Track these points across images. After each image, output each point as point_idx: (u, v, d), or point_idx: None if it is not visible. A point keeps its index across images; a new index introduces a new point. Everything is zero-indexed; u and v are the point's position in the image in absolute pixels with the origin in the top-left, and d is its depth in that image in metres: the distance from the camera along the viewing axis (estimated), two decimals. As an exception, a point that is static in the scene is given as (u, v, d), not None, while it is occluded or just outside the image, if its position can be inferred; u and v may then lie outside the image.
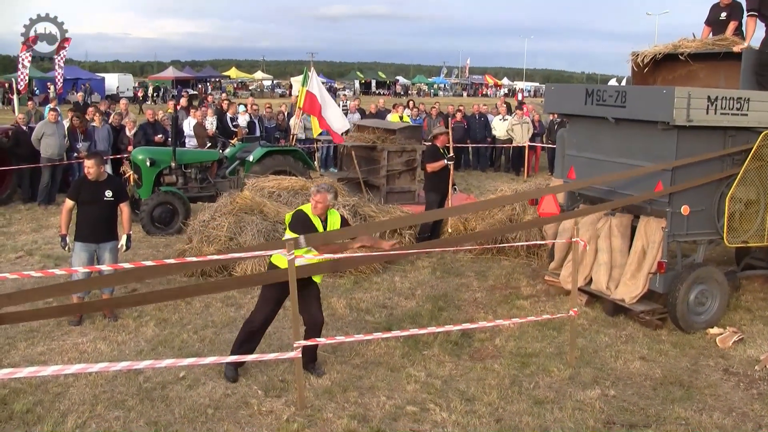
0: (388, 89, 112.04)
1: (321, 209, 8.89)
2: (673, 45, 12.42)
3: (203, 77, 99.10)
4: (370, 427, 7.88)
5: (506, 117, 28.40)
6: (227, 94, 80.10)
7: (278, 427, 7.85)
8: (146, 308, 11.20)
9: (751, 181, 10.76)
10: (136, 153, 17.25)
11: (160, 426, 7.80)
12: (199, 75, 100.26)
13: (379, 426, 7.89)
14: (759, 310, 12.05)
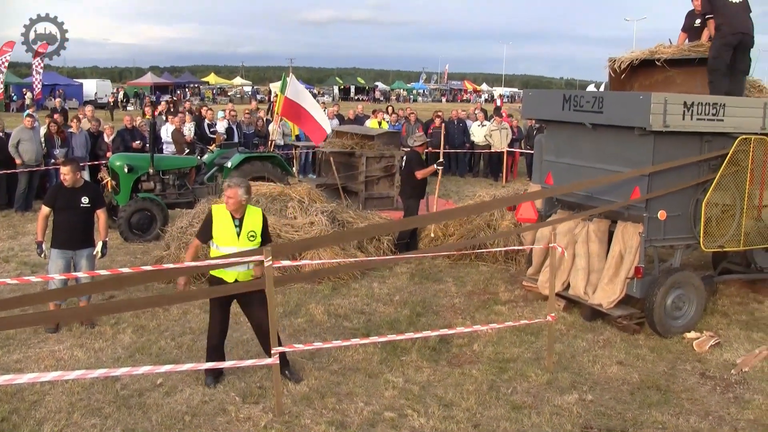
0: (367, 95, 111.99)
1: (232, 205, 8.68)
2: (650, 51, 12.48)
3: (182, 83, 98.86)
4: (347, 433, 7.88)
5: (484, 123, 28.46)
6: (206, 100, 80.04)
7: (256, 433, 7.84)
8: (123, 315, 11.15)
9: (727, 186, 10.80)
10: (114, 159, 17.18)
11: (137, 433, 7.78)
12: (177, 81, 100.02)
13: (357, 432, 7.89)
14: (735, 315, 12.12)
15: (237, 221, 8.71)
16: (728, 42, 11.55)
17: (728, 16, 11.60)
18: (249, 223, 8.75)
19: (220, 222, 8.73)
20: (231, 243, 8.66)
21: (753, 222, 11.13)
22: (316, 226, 13.87)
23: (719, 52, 11.59)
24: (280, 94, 21.34)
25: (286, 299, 12.15)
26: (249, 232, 8.71)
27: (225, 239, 8.69)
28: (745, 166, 10.81)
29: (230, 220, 8.70)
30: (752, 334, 11.24)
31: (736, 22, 11.59)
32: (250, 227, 8.73)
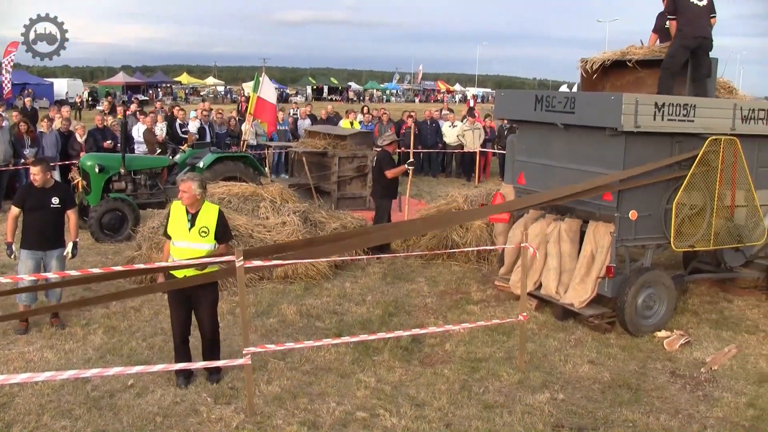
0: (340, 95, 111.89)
1: (187, 200, 8.68)
2: (622, 52, 12.53)
3: (154, 83, 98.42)
4: (319, 433, 7.88)
5: (455, 123, 28.52)
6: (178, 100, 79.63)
7: (228, 434, 7.82)
8: (94, 316, 11.11)
9: (697, 186, 10.87)
10: (85, 159, 17.06)
11: (108, 434, 7.74)
12: (149, 80, 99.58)
13: (329, 432, 7.89)
14: (705, 314, 12.20)
15: (190, 216, 8.73)
16: (687, 44, 11.63)
17: (690, 19, 11.68)
18: (203, 219, 8.74)
19: (175, 216, 8.80)
20: (182, 237, 8.72)
21: (723, 222, 11.21)
22: (288, 226, 13.86)
23: (676, 52, 11.68)
24: (252, 94, 21.30)
25: (258, 299, 12.13)
26: (201, 228, 8.70)
27: (177, 233, 8.76)
28: (715, 166, 10.88)
29: (184, 215, 8.74)
30: (722, 333, 11.32)
31: (697, 25, 11.67)
32: (204, 223, 8.72)
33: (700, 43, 11.66)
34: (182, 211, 8.77)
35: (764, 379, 9.64)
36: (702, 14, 11.72)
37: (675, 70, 11.70)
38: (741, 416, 8.58)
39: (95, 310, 11.32)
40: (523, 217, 12.43)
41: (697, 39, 11.63)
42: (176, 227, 8.77)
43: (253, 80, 22.32)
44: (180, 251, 8.73)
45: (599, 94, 12.43)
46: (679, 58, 11.68)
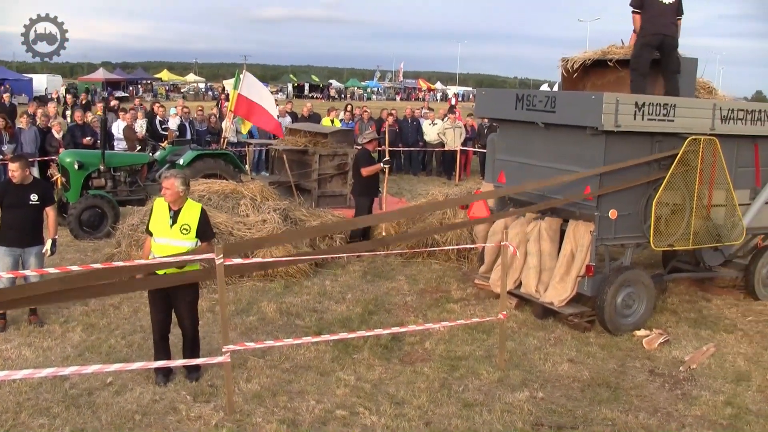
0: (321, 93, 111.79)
1: (170, 196, 8.67)
2: (602, 51, 12.56)
3: (134, 79, 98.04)
4: (299, 431, 7.85)
5: (436, 121, 28.52)
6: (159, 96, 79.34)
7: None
8: (73, 313, 11.06)
9: (677, 185, 10.91)
10: (64, 156, 17.01)
11: (86, 432, 7.71)
12: (129, 77, 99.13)
13: (309, 430, 7.87)
14: (684, 312, 12.25)
15: (173, 213, 8.71)
16: (648, 42, 11.65)
17: (653, 16, 11.70)
18: (185, 217, 8.72)
19: (158, 213, 8.78)
20: (163, 234, 8.70)
21: (702, 221, 11.25)
22: (269, 224, 13.83)
23: (640, 51, 11.71)
24: (233, 91, 21.25)
25: (238, 297, 12.11)
26: (182, 225, 8.68)
27: (159, 230, 8.73)
28: (695, 166, 10.92)
29: (166, 212, 8.72)
30: (700, 332, 11.37)
31: (658, 23, 11.67)
32: (185, 221, 8.70)
33: (662, 40, 11.66)
34: (165, 207, 8.75)
35: (742, 378, 9.69)
36: (665, 12, 11.71)
37: (643, 70, 11.72)
38: (719, 414, 8.62)
39: (74, 307, 11.28)
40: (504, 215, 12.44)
41: (657, 36, 11.63)
42: (158, 224, 8.75)
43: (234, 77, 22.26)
44: (161, 248, 8.69)
45: (580, 93, 12.46)
46: (645, 57, 11.70)
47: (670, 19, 11.75)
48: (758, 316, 12.25)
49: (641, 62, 11.70)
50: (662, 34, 11.64)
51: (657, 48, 11.69)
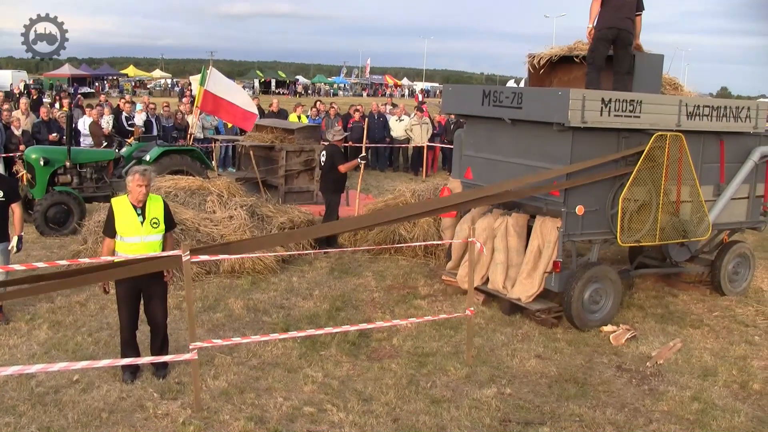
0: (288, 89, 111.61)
1: (147, 193, 8.65)
2: (569, 47, 12.60)
3: (100, 75, 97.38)
4: (267, 428, 7.82)
5: (402, 117, 28.53)
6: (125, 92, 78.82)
7: (174, 429, 7.73)
8: (39, 310, 10.96)
9: (643, 181, 10.94)
10: (30, 152, 16.86)
11: (53, 431, 7.62)
12: (95, 73, 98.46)
13: (276, 427, 7.82)
14: (651, 308, 12.31)
15: (139, 210, 8.63)
16: (604, 35, 11.67)
17: (608, 9, 11.72)
18: (151, 211, 8.69)
19: (123, 214, 8.62)
20: (135, 233, 8.60)
21: (669, 217, 11.30)
22: (236, 220, 13.78)
23: (596, 45, 11.75)
24: (200, 87, 21.14)
25: (205, 293, 12.05)
26: (152, 220, 8.65)
27: (129, 230, 8.60)
28: (661, 162, 10.96)
29: (132, 210, 8.61)
30: (667, 327, 11.43)
31: (615, 16, 11.68)
32: (153, 214, 8.68)
33: (617, 34, 11.68)
34: (128, 206, 8.63)
35: (708, 373, 9.75)
36: (623, 7, 11.74)
37: (599, 63, 11.76)
38: (686, 410, 8.66)
39: (40, 304, 11.18)
40: (471, 211, 12.44)
41: (612, 30, 11.63)
42: (126, 224, 8.61)
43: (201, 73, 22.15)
44: (133, 247, 8.60)
45: (546, 89, 12.48)
46: (600, 51, 11.73)
47: (627, 14, 11.76)
48: (724, 311, 12.33)
49: (596, 55, 11.73)
50: (617, 27, 11.64)
51: (612, 42, 11.72)
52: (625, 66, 11.82)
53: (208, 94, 20.50)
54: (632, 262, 13.47)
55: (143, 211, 8.64)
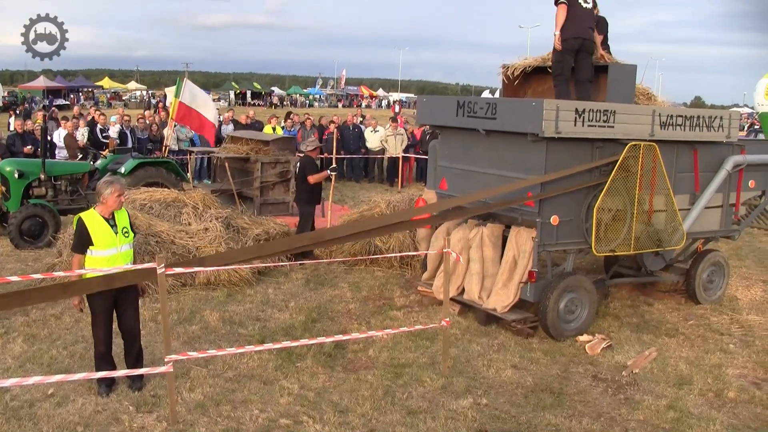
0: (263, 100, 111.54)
1: (123, 203, 8.84)
2: (543, 58, 12.66)
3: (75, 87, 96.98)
4: (242, 441, 7.80)
5: (377, 128, 28.55)
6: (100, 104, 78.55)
7: (148, 443, 7.71)
8: (14, 324, 10.89)
9: (617, 191, 10.98)
10: (4, 164, 16.77)
11: (26, 445, 7.58)
12: (71, 85, 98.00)
13: (252, 440, 7.82)
14: (626, 317, 12.34)
15: (111, 221, 8.65)
16: (570, 46, 11.79)
17: (573, 18, 11.81)
18: (120, 221, 8.73)
19: (96, 228, 8.56)
20: (111, 245, 8.58)
21: (643, 226, 11.35)
22: (211, 232, 13.75)
23: (561, 56, 11.85)
24: (174, 99, 21.12)
25: (181, 306, 12.00)
26: (122, 229, 8.69)
27: (105, 242, 8.55)
28: (635, 171, 11.01)
29: (104, 222, 8.60)
30: (642, 336, 11.47)
31: (579, 26, 11.81)
32: (122, 224, 8.73)
33: (582, 44, 11.79)
34: (99, 219, 8.60)
35: (684, 382, 9.78)
36: (585, 17, 11.84)
37: (567, 74, 11.86)
38: (662, 419, 8.69)
39: (14, 318, 11.10)
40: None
41: (577, 40, 11.76)
42: (102, 237, 8.55)
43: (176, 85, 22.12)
44: (110, 259, 8.55)
45: (520, 100, 12.53)
46: (566, 62, 11.84)
47: (588, 24, 11.87)
48: (699, 320, 12.39)
49: (564, 66, 11.84)
50: (582, 37, 11.76)
51: (576, 51, 11.79)
52: (588, 73, 11.93)
53: (182, 106, 20.49)
54: (607, 272, 13.53)
55: (114, 221, 8.65)
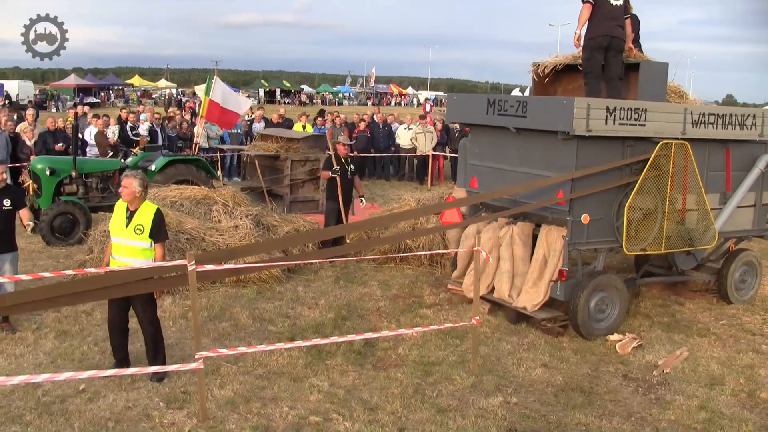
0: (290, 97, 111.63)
1: (127, 195, 8.96)
2: (573, 56, 12.59)
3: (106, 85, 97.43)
4: (272, 438, 7.82)
5: (410, 126, 28.50)
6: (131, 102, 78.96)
7: (179, 439, 7.74)
8: (45, 320, 10.96)
9: (648, 190, 10.92)
10: (36, 162, 16.89)
11: (58, 441, 7.63)
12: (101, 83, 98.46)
13: (282, 437, 7.83)
14: (657, 317, 12.27)
15: (129, 213, 8.96)
16: (598, 44, 11.73)
17: (602, 17, 11.74)
18: (139, 218, 8.93)
19: (116, 213, 9.07)
20: (119, 234, 8.95)
21: (674, 225, 11.28)
22: (241, 230, 13.78)
23: (590, 54, 11.79)
24: (205, 97, 21.17)
25: (211, 303, 12.03)
26: (136, 226, 8.89)
27: (115, 229, 9.00)
28: (666, 170, 10.94)
29: (123, 212, 8.98)
30: (673, 336, 11.40)
31: (607, 24, 11.73)
32: (139, 221, 8.91)
33: (610, 42, 11.72)
34: (123, 208, 9.01)
35: (715, 382, 9.72)
36: (614, 14, 11.76)
37: (596, 72, 11.78)
38: (693, 419, 8.64)
39: (46, 314, 11.16)
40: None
41: (605, 38, 11.69)
42: (115, 223, 9.02)
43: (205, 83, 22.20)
44: (117, 247, 8.99)
45: (551, 98, 12.48)
46: (595, 60, 11.77)
47: (618, 21, 11.79)
48: (731, 319, 12.30)
49: (593, 64, 11.77)
50: (610, 35, 11.68)
51: (605, 49, 11.72)
52: (617, 71, 11.85)
53: (213, 104, 20.55)
54: (638, 271, 13.45)
55: (132, 215, 8.94)
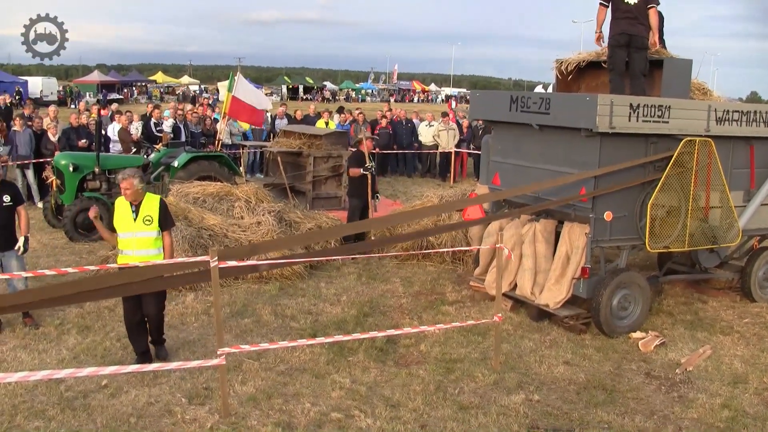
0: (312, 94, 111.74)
1: (131, 195, 9.18)
2: (597, 53, 12.55)
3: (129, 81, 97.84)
4: (294, 434, 7.83)
5: (432, 123, 28.47)
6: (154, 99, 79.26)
7: (201, 435, 7.77)
8: (68, 316, 11.02)
9: (672, 187, 10.88)
10: (59, 158, 16.97)
11: (81, 435, 7.67)
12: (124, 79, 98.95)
13: (304, 433, 7.84)
14: (680, 315, 12.22)
15: (134, 207, 9.22)
16: (617, 42, 11.75)
17: (617, 16, 11.81)
18: (146, 209, 9.23)
19: (120, 211, 9.27)
20: (128, 228, 9.21)
21: (698, 223, 11.23)
22: (263, 226, 13.81)
23: (612, 52, 11.82)
24: (228, 93, 21.22)
25: (233, 299, 12.07)
26: (145, 217, 9.21)
27: (122, 226, 9.22)
28: (690, 167, 10.89)
29: (128, 208, 9.24)
30: (696, 334, 11.34)
31: (623, 23, 11.74)
32: (147, 212, 9.22)
33: (628, 40, 11.69)
34: (126, 205, 9.23)
35: (739, 380, 9.67)
36: (630, 12, 11.73)
37: (620, 69, 11.76)
38: (716, 417, 8.60)
39: (69, 310, 11.23)
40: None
41: (623, 36, 11.69)
42: (121, 220, 9.23)
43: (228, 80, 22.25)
44: (126, 242, 9.20)
45: (574, 95, 12.44)
46: (617, 57, 11.76)
47: (636, 19, 11.73)
48: (755, 318, 12.24)
49: (616, 61, 11.75)
50: (628, 33, 11.66)
51: (626, 46, 11.69)
52: (640, 67, 11.80)
53: (235, 100, 20.59)
54: (661, 268, 13.38)
55: (138, 208, 9.20)
